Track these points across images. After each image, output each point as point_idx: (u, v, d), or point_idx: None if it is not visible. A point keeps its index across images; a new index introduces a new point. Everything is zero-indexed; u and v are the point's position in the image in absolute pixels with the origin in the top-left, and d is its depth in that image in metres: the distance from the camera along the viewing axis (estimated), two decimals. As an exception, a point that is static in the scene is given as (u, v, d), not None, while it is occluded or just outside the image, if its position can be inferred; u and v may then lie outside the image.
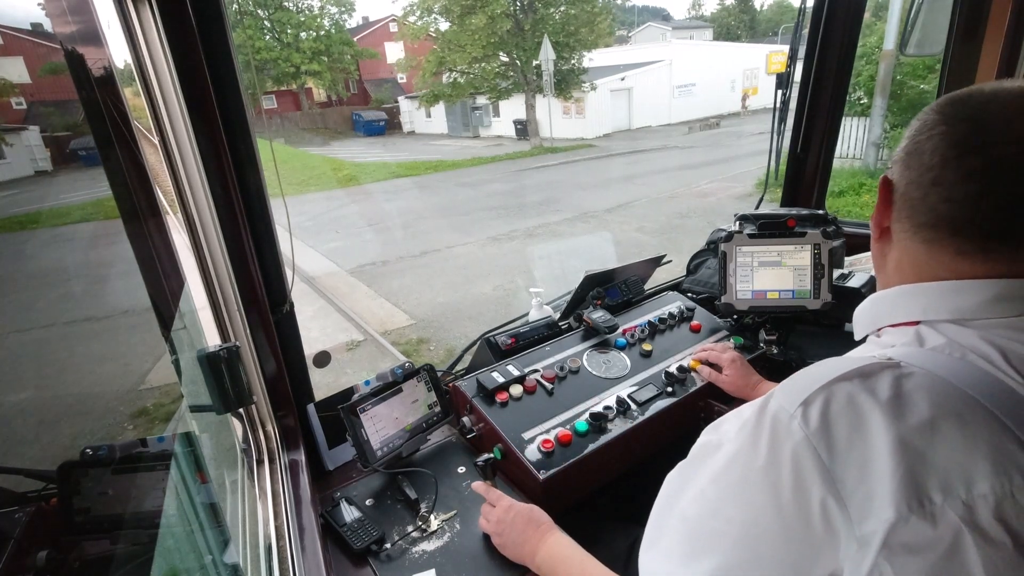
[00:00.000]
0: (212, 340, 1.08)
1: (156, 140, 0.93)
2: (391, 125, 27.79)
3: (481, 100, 22.92)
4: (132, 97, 0.95)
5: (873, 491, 0.44)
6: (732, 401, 1.31)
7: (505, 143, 20.70)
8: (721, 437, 0.56)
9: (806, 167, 1.93)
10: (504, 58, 18.14)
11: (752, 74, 24.70)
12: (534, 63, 17.44)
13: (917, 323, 0.55)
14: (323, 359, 1.35)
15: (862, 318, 0.63)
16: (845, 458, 0.45)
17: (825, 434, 0.46)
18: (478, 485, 1.06)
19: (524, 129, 20.47)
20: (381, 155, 19.59)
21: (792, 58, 1.75)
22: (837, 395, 0.48)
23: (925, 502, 0.42)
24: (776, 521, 0.47)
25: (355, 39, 30.49)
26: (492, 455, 1.10)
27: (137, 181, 0.94)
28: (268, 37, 27.23)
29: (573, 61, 18.03)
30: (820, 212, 1.50)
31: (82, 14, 0.90)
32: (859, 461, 0.45)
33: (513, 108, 20.83)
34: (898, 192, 0.57)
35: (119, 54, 0.90)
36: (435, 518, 1.06)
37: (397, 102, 29.84)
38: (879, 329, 0.61)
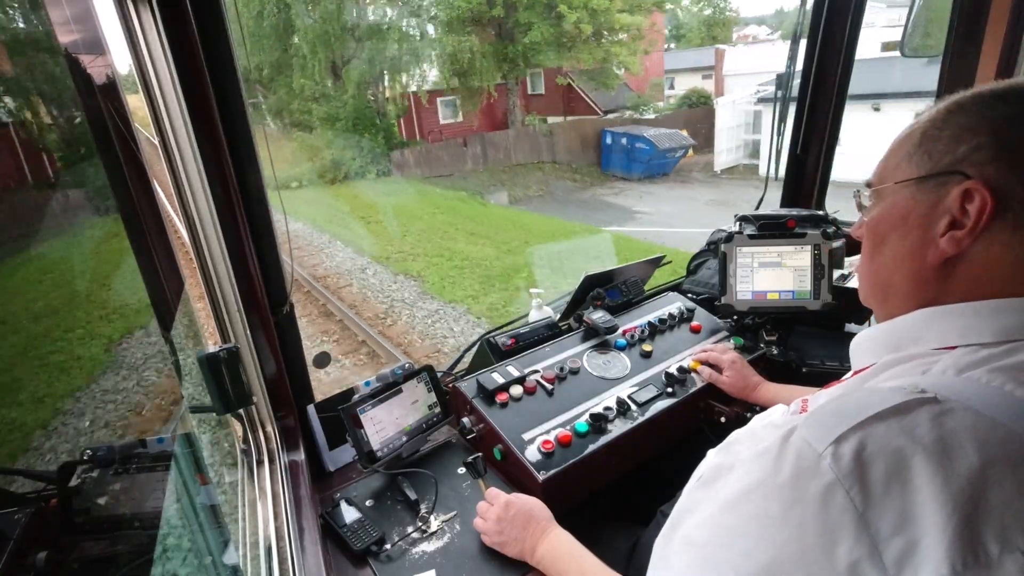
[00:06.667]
0: (212, 341, 1.08)
1: (157, 141, 0.93)
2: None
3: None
4: (133, 99, 0.95)
5: (917, 543, 0.41)
6: (732, 402, 1.31)
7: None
8: (733, 459, 0.54)
9: (806, 167, 1.93)
10: None
11: None
12: None
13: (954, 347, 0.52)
14: (323, 360, 1.35)
15: (911, 335, 0.56)
16: (881, 504, 0.43)
17: (859, 477, 0.44)
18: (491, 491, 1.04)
19: None
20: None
21: (792, 58, 1.75)
22: (873, 436, 0.45)
23: (981, 555, 0.40)
24: (798, 563, 0.45)
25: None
26: (479, 454, 1.10)
27: (138, 182, 0.94)
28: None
29: None
30: (820, 213, 1.51)
31: (84, 21, 0.91)
32: (898, 508, 0.42)
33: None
34: (997, 194, 0.50)
35: (120, 57, 0.90)
36: (435, 519, 1.06)
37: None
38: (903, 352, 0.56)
